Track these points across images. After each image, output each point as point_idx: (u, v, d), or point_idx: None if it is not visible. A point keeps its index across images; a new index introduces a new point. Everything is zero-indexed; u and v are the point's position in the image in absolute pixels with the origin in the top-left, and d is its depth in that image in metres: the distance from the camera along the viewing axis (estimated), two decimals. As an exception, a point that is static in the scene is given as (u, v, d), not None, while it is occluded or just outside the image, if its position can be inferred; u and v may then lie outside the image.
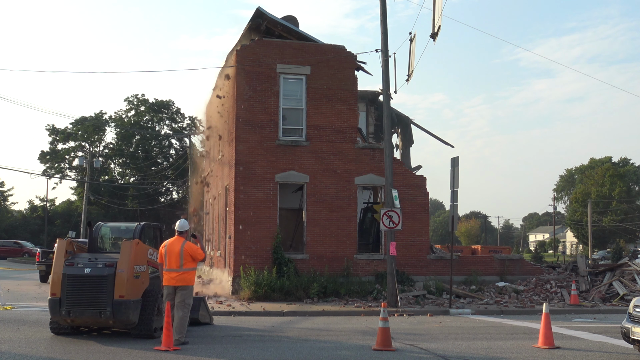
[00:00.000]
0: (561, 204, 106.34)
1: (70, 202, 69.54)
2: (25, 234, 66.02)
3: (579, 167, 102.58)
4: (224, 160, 24.26)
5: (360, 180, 22.31)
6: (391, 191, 19.16)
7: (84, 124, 64.38)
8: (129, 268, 11.80)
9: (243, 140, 21.37)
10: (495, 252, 33.35)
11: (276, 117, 21.66)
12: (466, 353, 11.09)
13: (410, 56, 19.85)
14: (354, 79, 22.44)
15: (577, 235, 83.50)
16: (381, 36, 19.54)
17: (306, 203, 21.74)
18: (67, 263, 11.91)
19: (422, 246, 22.64)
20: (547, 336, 11.74)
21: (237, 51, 21.79)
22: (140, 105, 66.19)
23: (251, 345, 11.70)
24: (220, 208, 24.90)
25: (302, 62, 21.81)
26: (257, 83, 21.58)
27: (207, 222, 30.17)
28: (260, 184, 21.31)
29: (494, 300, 20.23)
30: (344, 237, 21.78)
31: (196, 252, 11.94)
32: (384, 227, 18.98)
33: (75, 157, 64.40)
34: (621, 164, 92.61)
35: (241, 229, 20.92)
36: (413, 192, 22.66)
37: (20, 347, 10.88)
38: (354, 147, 22.25)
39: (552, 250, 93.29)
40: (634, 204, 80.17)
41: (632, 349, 11.67)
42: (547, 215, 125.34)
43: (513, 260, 24.34)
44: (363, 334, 13.57)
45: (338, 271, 21.23)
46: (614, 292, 21.23)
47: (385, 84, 19.46)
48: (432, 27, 18.57)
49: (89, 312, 11.72)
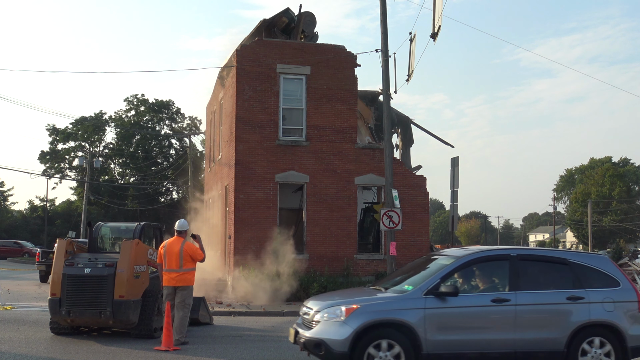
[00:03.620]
0: (561, 204, 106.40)
1: (70, 202, 69.53)
2: (25, 234, 65.98)
3: (579, 167, 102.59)
4: (224, 160, 24.26)
5: (360, 180, 22.31)
6: (391, 191, 19.15)
7: (84, 124, 64.37)
8: (129, 268, 11.80)
9: (243, 140, 21.37)
10: (495, 252, 33.33)
11: (276, 117, 21.66)
12: None
13: (410, 56, 19.85)
14: (354, 79, 22.45)
15: (577, 235, 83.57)
16: (381, 36, 19.54)
17: (306, 203, 21.74)
18: (67, 263, 11.92)
19: (422, 246, 22.63)
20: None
21: (237, 51, 21.80)
22: (140, 105, 66.19)
23: (251, 345, 11.71)
24: (221, 208, 24.89)
25: (302, 62, 21.82)
26: (257, 83, 21.59)
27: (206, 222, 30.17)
28: (260, 184, 21.31)
29: (494, 300, 20.19)
30: (344, 237, 21.78)
31: (196, 253, 11.93)
32: (384, 227, 18.97)
33: (75, 157, 64.37)
34: (621, 164, 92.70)
35: (241, 229, 20.92)
36: (413, 192, 22.66)
37: (20, 347, 10.88)
38: (354, 147, 22.26)
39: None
40: (634, 204, 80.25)
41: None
42: (547, 215, 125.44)
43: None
44: (363, 334, 13.54)
45: (338, 271, 21.22)
46: (614, 292, 21.20)
47: (385, 84, 19.46)
48: (432, 27, 18.55)
49: (89, 312, 11.72)
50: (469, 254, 9.15)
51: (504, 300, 8.62)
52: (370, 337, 8.24)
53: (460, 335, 8.49)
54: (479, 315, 8.65)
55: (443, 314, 8.47)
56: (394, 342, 8.24)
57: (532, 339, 8.57)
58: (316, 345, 8.36)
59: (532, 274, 9.06)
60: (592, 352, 8.66)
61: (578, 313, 8.71)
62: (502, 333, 8.55)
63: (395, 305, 8.52)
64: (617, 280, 9.11)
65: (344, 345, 8.18)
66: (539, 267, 9.19)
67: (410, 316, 8.34)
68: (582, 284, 8.94)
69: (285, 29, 24.02)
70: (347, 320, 8.29)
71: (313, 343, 8.40)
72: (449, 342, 8.42)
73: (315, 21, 24.08)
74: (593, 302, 8.79)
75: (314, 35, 24.03)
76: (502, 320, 8.61)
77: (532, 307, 8.70)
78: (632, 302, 8.97)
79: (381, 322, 8.34)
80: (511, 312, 8.58)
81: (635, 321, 8.89)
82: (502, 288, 8.85)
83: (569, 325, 8.65)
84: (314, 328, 8.54)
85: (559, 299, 8.79)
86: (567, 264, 9.14)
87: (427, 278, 8.80)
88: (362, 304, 8.50)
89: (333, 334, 8.28)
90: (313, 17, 24.03)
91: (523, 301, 8.65)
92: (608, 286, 9.01)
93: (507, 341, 8.52)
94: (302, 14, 23.67)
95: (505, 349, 8.51)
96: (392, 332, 8.30)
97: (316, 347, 8.36)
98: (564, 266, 9.13)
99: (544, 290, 8.89)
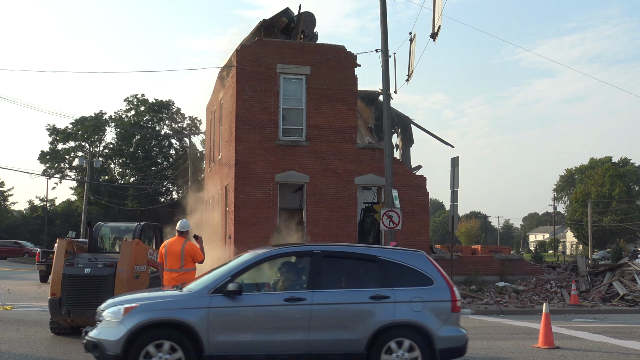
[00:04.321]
0: (561, 204, 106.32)
1: (70, 202, 69.51)
2: (25, 234, 65.95)
3: (579, 167, 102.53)
4: (224, 160, 24.26)
5: (360, 180, 22.31)
6: (391, 191, 19.16)
7: (84, 124, 64.37)
8: (129, 268, 11.80)
9: (243, 140, 21.38)
10: (495, 252, 33.40)
11: (276, 117, 21.67)
12: (466, 353, 11.07)
13: (410, 56, 19.87)
14: (354, 79, 22.45)
15: (577, 235, 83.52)
16: (381, 36, 19.55)
17: (306, 203, 21.74)
18: (67, 263, 11.91)
19: (422, 246, 22.60)
20: (547, 336, 11.73)
21: (237, 51, 21.81)
22: (140, 105, 66.18)
23: (251, 345, 11.68)
24: (221, 208, 24.90)
25: (302, 62, 21.82)
26: (257, 83, 21.59)
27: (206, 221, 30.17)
28: (260, 184, 21.32)
29: (494, 300, 20.23)
30: (344, 237, 21.77)
31: (197, 253, 11.92)
32: (384, 227, 18.99)
33: (75, 157, 64.36)
34: (621, 164, 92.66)
35: (241, 229, 20.92)
36: (413, 192, 22.66)
37: (20, 347, 10.88)
38: (354, 147, 22.26)
39: (552, 250, 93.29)
40: (634, 204, 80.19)
41: (632, 349, 11.68)
42: (547, 215, 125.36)
43: (513, 260, 24.35)
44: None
45: (338, 271, 21.19)
46: (614, 292, 21.23)
47: (385, 84, 19.47)
48: (432, 27, 18.58)
49: (89, 312, 11.66)
50: (268, 251, 8.67)
51: (299, 300, 8.09)
52: (147, 338, 7.78)
53: (248, 336, 7.98)
54: (269, 315, 8.10)
55: (229, 313, 7.99)
56: (174, 343, 7.79)
57: (328, 340, 8.06)
58: (94, 347, 7.91)
59: (336, 272, 8.55)
60: (398, 353, 8.08)
61: (381, 313, 8.13)
62: (296, 334, 8.03)
63: (178, 304, 8.04)
64: (431, 278, 8.48)
65: (117, 346, 7.71)
66: (345, 264, 8.64)
67: (191, 315, 7.86)
68: (391, 283, 8.36)
69: (285, 29, 24.05)
70: (123, 320, 7.83)
71: (91, 344, 7.96)
72: (235, 343, 7.93)
73: (315, 21, 24.09)
74: (399, 302, 8.20)
75: (313, 36, 24.04)
76: (295, 321, 8.07)
77: (330, 306, 8.16)
78: (445, 301, 8.37)
79: (160, 322, 7.87)
80: (306, 312, 8.05)
81: (446, 322, 8.30)
82: (299, 287, 8.33)
83: (370, 325, 8.07)
84: (96, 328, 8.13)
85: (361, 298, 8.23)
86: (376, 261, 8.54)
87: (220, 275, 8.31)
88: (141, 303, 8.03)
89: (109, 334, 7.84)
90: (313, 17, 24.04)
91: (320, 300, 8.12)
92: (419, 285, 8.41)
93: (301, 342, 8.01)
94: (301, 14, 23.68)
95: (298, 351, 8.02)
96: (172, 332, 7.85)
97: (94, 348, 7.92)
98: (373, 263, 8.54)
99: (346, 289, 8.37)
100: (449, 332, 8.29)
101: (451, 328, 8.35)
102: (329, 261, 8.56)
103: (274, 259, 8.65)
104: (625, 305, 19.88)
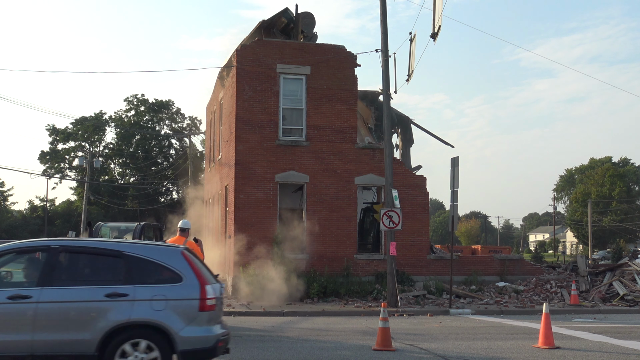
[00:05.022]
0: (561, 204, 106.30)
1: (70, 202, 69.52)
2: (25, 234, 65.82)
3: (579, 167, 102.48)
4: (224, 160, 24.26)
5: (360, 180, 22.31)
6: (391, 191, 19.16)
7: (84, 124, 64.39)
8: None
9: (243, 140, 21.38)
10: (495, 252, 33.40)
11: (276, 117, 21.66)
12: (466, 353, 11.09)
13: (410, 56, 19.86)
14: (354, 79, 22.45)
15: (577, 235, 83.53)
16: (381, 36, 19.55)
17: (306, 203, 21.74)
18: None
19: (422, 246, 22.65)
20: (547, 336, 11.73)
21: (237, 51, 21.81)
22: (140, 105, 66.20)
23: (251, 345, 11.70)
24: (220, 208, 24.90)
25: (302, 62, 21.82)
26: (257, 83, 21.59)
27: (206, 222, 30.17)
28: (260, 184, 21.32)
29: (494, 300, 20.23)
30: (344, 237, 21.78)
31: (197, 253, 11.95)
32: (384, 227, 18.99)
33: (75, 157, 64.37)
34: (621, 164, 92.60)
35: (241, 229, 20.92)
36: (413, 192, 22.66)
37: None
38: (354, 147, 22.26)
39: (552, 250, 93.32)
40: (634, 204, 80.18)
41: (632, 349, 11.68)
42: (547, 215, 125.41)
43: (513, 260, 24.35)
44: (363, 334, 13.57)
45: (338, 271, 21.22)
46: (614, 292, 21.24)
47: (385, 84, 19.47)
48: (432, 27, 18.56)
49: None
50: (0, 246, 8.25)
51: (25, 297, 7.66)
52: None
53: None
54: None
55: None
56: None
57: (55, 341, 7.62)
58: None
59: (73, 268, 8.15)
60: (133, 355, 7.66)
61: (117, 312, 7.69)
62: (19, 334, 7.60)
63: None
64: (181, 275, 8.00)
65: None
66: (85, 260, 8.24)
67: None
68: (134, 280, 7.90)
69: (285, 29, 24.03)
70: None
71: None
72: None
73: (314, 21, 24.08)
74: (139, 300, 7.77)
75: (313, 36, 24.04)
76: (18, 320, 7.65)
77: (57, 305, 7.71)
78: (192, 300, 7.91)
79: None
80: (30, 311, 7.63)
81: (192, 321, 7.86)
82: (29, 284, 7.93)
83: (102, 325, 7.64)
84: None
85: (94, 296, 7.78)
86: (121, 257, 8.08)
87: None
88: None
89: None
90: (312, 18, 24.04)
91: (48, 298, 7.68)
92: (166, 282, 7.97)
93: (24, 343, 7.58)
94: (300, 15, 23.66)
95: (21, 352, 7.58)
96: None
97: None
98: (118, 259, 8.09)
99: (81, 287, 7.89)
100: (193, 333, 7.85)
101: (197, 328, 7.90)
102: (68, 257, 8.15)
103: (6, 254, 8.18)
104: (625, 305, 19.89)
